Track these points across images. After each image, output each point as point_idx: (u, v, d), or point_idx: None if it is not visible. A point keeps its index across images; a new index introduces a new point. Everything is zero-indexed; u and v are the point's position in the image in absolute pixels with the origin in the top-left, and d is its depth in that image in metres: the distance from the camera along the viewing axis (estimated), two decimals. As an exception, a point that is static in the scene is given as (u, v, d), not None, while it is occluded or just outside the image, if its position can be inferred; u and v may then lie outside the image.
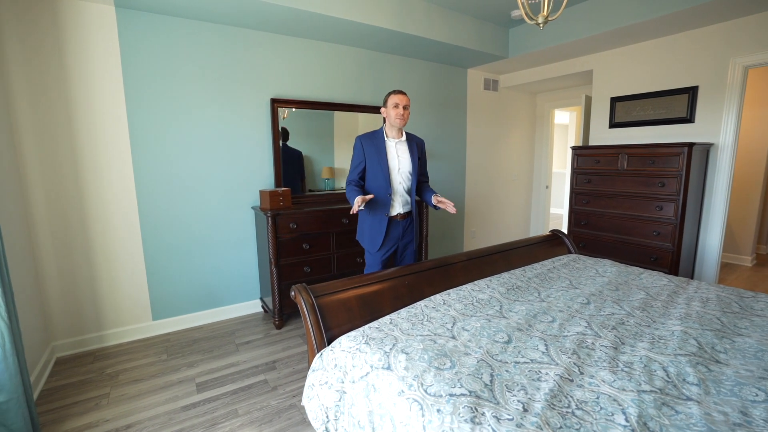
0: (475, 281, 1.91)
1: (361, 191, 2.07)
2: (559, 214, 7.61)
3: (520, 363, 1.20)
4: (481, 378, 1.11)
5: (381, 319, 1.51)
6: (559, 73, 4.02)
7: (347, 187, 2.16)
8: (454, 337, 1.36)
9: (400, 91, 2.12)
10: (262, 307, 3.08)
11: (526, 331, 1.41)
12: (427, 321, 1.47)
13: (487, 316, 1.52)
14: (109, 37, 2.39)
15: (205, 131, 2.77)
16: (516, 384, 1.09)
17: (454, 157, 4.26)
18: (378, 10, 2.82)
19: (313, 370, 1.39)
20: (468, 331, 1.40)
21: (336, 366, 1.33)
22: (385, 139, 2.16)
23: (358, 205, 1.89)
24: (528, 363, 1.20)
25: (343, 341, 1.37)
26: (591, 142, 3.90)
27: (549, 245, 2.56)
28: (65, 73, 2.29)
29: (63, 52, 2.28)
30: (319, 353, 1.41)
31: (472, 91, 4.33)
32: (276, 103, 2.98)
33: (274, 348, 2.53)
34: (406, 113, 2.11)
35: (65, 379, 2.17)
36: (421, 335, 1.36)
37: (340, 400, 1.28)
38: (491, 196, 4.76)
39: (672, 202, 2.97)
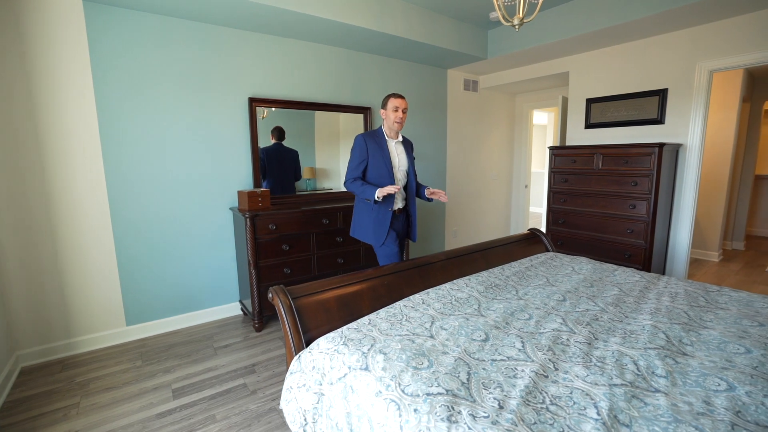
0: (454, 280, 1.92)
1: (369, 183, 2.19)
2: (538, 212, 7.76)
3: (497, 360, 1.21)
4: (458, 377, 1.11)
5: (360, 319, 1.50)
6: (537, 75, 4.10)
7: (353, 184, 2.23)
8: (432, 336, 1.36)
9: (400, 95, 2.24)
10: (242, 309, 3.03)
11: (503, 328, 1.43)
12: (405, 321, 1.47)
13: (466, 314, 1.53)
14: (77, 33, 2.30)
15: (181, 130, 2.70)
16: (492, 381, 1.10)
17: (434, 157, 4.29)
18: (356, 10, 2.81)
19: (291, 373, 1.38)
20: (446, 330, 1.40)
21: (314, 368, 1.31)
22: (386, 138, 2.28)
23: (391, 189, 2.04)
24: (504, 360, 1.21)
25: (321, 343, 1.36)
26: (568, 142, 3.99)
27: (527, 244, 2.60)
28: (28, 68, 2.19)
29: (26, 47, 2.18)
30: (297, 355, 1.39)
31: (452, 92, 4.37)
32: (254, 102, 2.93)
33: (253, 351, 2.48)
34: (404, 116, 2.25)
35: (31, 390, 2.08)
36: (399, 335, 1.36)
37: (318, 403, 1.26)
38: (472, 195, 4.82)
39: (644, 200, 3.07)
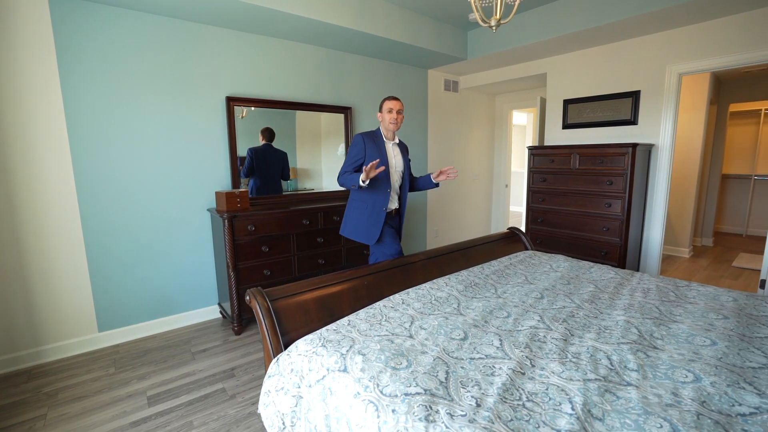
0: (434, 280, 1.93)
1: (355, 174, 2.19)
2: (519, 212, 7.89)
3: (475, 359, 1.22)
4: (437, 376, 1.12)
5: (339, 320, 1.49)
6: (516, 76, 4.17)
7: (343, 176, 2.25)
8: (411, 336, 1.36)
9: (394, 97, 2.29)
10: (221, 312, 2.97)
11: (482, 327, 1.45)
12: (385, 321, 1.47)
13: (445, 314, 1.54)
14: (41, 28, 2.20)
15: (156, 129, 2.63)
16: (470, 380, 1.11)
17: (415, 156, 4.30)
18: (336, 9, 2.79)
19: (269, 376, 1.35)
20: (425, 329, 1.41)
21: (292, 371, 1.29)
22: (384, 140, 2.32)
23: (373, 167, 2.01)
24: (483, 358, 1.22)
25: (300, 345, 1.34)
26: (546, 143, 4.07)
27: (507, 242, 2.64)
28: (-9, 65, 2.09)
29: (-12, 42, 2.08)
30: (276, 358, 1.37)
31: (433, 92, 4.40)
32: (232, 101, 2.88)
33: (233, 355, 2.44)
34: (400, 117, 2.29)
35: (-5, 401, 1.99)
36: (378, 335, 1.36)
37: (296, 406, 1.25)
38: (453, 195, 4.86)
39: (619, 199, 3.16)
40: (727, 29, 2.86)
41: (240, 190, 2.69)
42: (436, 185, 2.43)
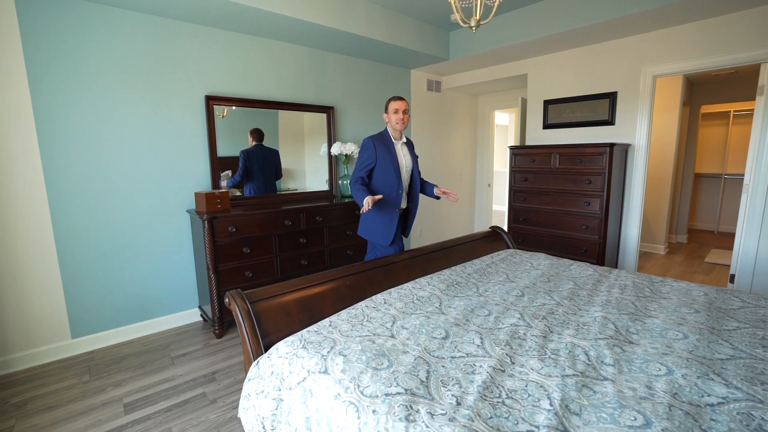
0: (416, 279, 1.93)
1: (368, 190, 2.20)
2: (501, 211, 7.98)
3: (456, 357, 1.23)
4: (418, 375, 1.12)
5: (321, 321, 1.47)
6: (498, 76, 4.22)
7: (354, 186, 2.24)
8: (393, 336, 1.36)
9: (400, 98, 2.30)
10: (201, 315, 2.90)
11: (463, 325, 1.45)
12: (367, 321, 1.46)
13: (427, 313, 1.54)
14: (7, 22, 2.12)
15: (132, 129, 2.55)
16: (451, 378, 1.11)
17: (400, 156, 4.31)
18: (316, 7, 2.77)
19: (249, 380, 1.33)
20: (407, 329, 1.41)
21: (273, 373, 1.27)
22: (393, 140, 2.34)
23: (368, 204, 2.02)
24: (463, 357, 1.23)
25: (280, 347, 1.33)
26: (527, 142, 4.13)
27: (489, 241, 2.67)
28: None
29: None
30: (256, 361, 1.35)
31: (416, 92, 4.41)
32: (211, 100, 2.82)
33: (214, 358, 2.39)
34: (406, 117, 2.30)
35: (-40, 413, 1.89)
36: (360, 336, 1.35)
37: (276, 409, 1.23)
38: (437, 194, 4.88)
39: (598, 197, 3.23)
40: (698, 34, 2.96)
41: (220, 191, 2.64)
42: (437, 198, 2.48)
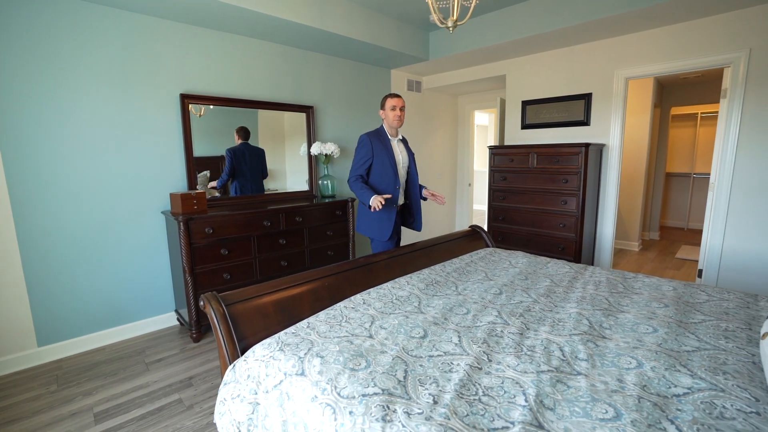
0: (396, 279, 1.93)
1: (369, 188, 2.25)
2: (482, 210, 8.06)
3: (433, 356, 1.23)
4: (395, 375, 1.11)
5: (299, 323, 1.45)
6: (477, 77, 4.27)
7: (355, 184, 2.27)
8: (371, 336, 1.36)
9: (396, 95, 2.35)
10: (178, 319, 2.83)
11: (441, 324, 1.46)
12: (345, 322, 1.45)
13: (405, 312, 1.54)
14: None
15: (102, 128, 2.46)
16: (429, 377, 1.11)
17: (381, 156, 4.31)
18: (295, 6, 2.73)
19: (225, 384, 1.30)
20: (386, 329, 1.40)
21: (249, 377, 1.25)
22: (389, 137, 2.38)
23: (379, 204, 2.07)
24: (441, 356, 1.23)
25: (257, 350, 1.30)
26: (506, 142, 4.20)
27: (468, 240, 2.69)
28: None
29: None
30: (232, 365, 1.32)
31: (396, 92, 4.42)
32: (186, 99, 2.75)
33: (191, 363, 2.33)
34: (403, 114, 2.36)
35: None
36: (338, 337, 1.34)
37: (253, 413, 1.20)
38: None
39: (574, 196, 3.31)
40: (668, 38, 3.07)
41: (197, 192, 2.58)
42: (424, 199, 2.55)
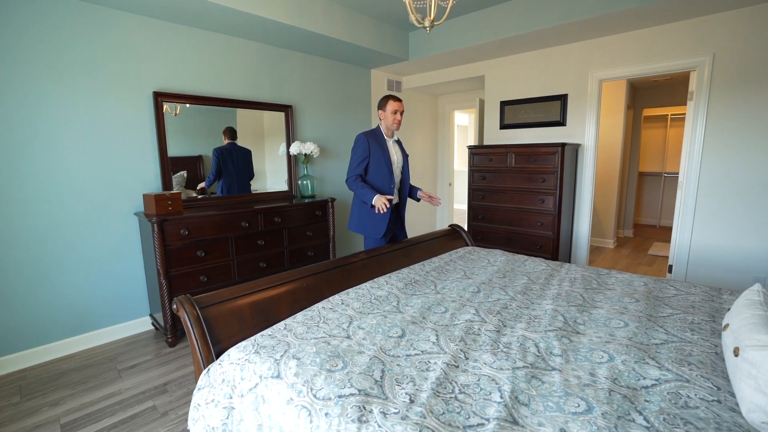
0: (375, 279, 1.93)
1: (370, 187, 2.31)
2: (463, 209, 8.15)
3: (411, 356, 1.23)
4: (372, 375, 1.11)
5: (275, 325, 1.43)
6: (456, 77, 4.31)
7: (355, 183, 2.33)
8: (349, 336, 1.35)
9: (398, 98, 2.39)
10: (153, 324, 2.75)
11: (419, 323, 1.46)
12: (323, 323, 1.44)
13: (384, 312, 1.54)
14: None
15: (69, 125, 2.36)
16: (406, 377, 1.11)
17: (362, 156, 4.29)
18: (273, 3, 2.69)
19: (199, 389, 1.27)
20: (363, 329, 1.40)
21: (224, 381, 1.22)
22: (385, 138, 2.42)
23: (385, 206, 2.14)
24: (419, 354, 1.24)
25: (232, 353, 1.27)
26: (485, 142, 4.25)
27: (448, 239, 2.71)
28: None
29: None
30: (206, 369, 1.29)
31: (376, 92, 4.41)
32: (160, 96, 2.67)
33: (166, 368, 2.26)
34: (401, 118, 2.42)
35: None
36: (315, 338, 1.32)
37: (227, 418, 1.18)
38: (400, 194, 4.91)
39: (551, 195, 3.38)
40: (639, 41, 3.16)
41: (171, 192, 2.51)
42: (417, 200, 2.58)
